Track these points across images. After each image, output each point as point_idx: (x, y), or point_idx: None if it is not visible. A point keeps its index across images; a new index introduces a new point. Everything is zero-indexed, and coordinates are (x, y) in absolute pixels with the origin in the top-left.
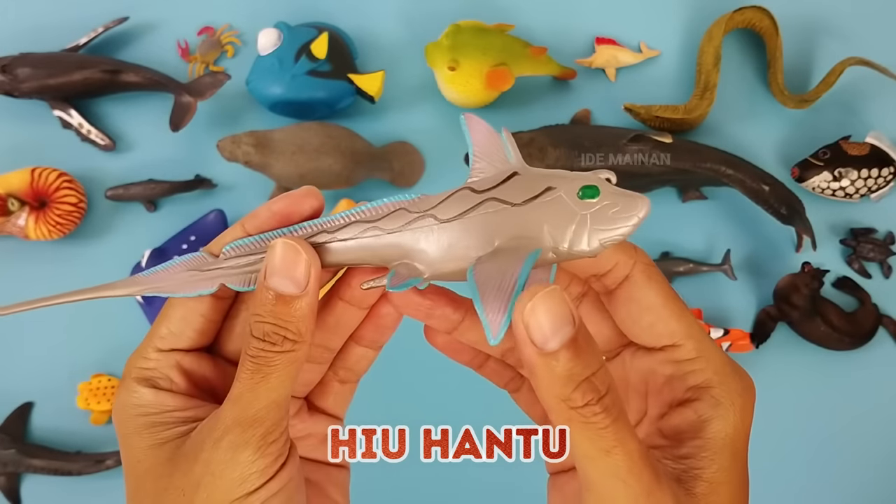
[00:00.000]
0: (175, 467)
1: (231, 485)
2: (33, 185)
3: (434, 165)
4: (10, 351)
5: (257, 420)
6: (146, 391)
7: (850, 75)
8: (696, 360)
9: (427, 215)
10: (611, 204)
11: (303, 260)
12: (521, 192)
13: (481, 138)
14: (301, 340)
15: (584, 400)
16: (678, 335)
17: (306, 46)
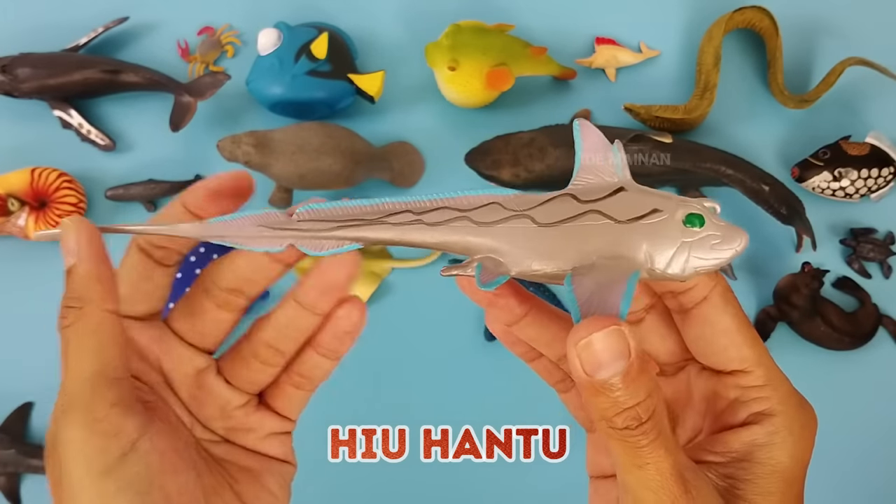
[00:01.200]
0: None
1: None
2: (33, 185)
3: (434, 165)
4: (10, 351)
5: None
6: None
7: (850, 75)
8: (764, 388)
9: (525, 215)
10: (713, 235)
11: (69, 231)
12: (627, 210)
13: (592, 146)
14: (85, 306)
15: (624, 424)
16: (749, 361)
17: (306, 46)
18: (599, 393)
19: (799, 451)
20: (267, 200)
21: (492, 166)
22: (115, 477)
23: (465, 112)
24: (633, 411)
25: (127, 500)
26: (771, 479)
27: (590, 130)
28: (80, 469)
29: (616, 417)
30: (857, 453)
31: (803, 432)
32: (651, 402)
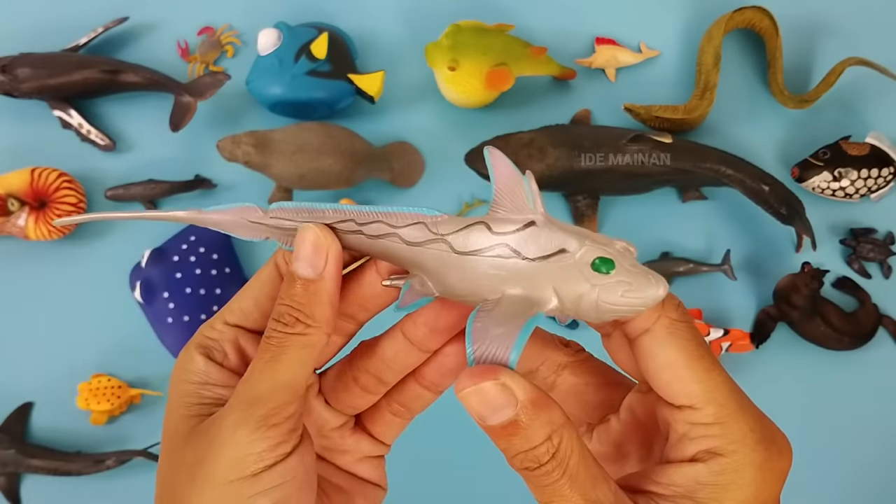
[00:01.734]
0: (189, 442)
1: (228, 465)
2: (33, 185)
3: (434, 165)
4: (10, 351)
5: (259, 400)
6: (199, 358)
7: (850, 75)
8: (712, 427)
9: (443, 240)
10: (624, 282)
11: (323, 246)
12: (535, 247)
13: (504, 176)
14: (314, 325)
15: (522, 466)
16: (696, 398)
17: (306, 46)
18: (496, 437)
19: (750, 493)
20: (267, 200)
21: None
22: (259, 483)
23: (465, 112)
24: (530, 454)
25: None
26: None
27: (498, 159)
28: (229, 467)
29: (514, 459)
30: (857, 453)
31: (759, 473)
32: (550, 443)
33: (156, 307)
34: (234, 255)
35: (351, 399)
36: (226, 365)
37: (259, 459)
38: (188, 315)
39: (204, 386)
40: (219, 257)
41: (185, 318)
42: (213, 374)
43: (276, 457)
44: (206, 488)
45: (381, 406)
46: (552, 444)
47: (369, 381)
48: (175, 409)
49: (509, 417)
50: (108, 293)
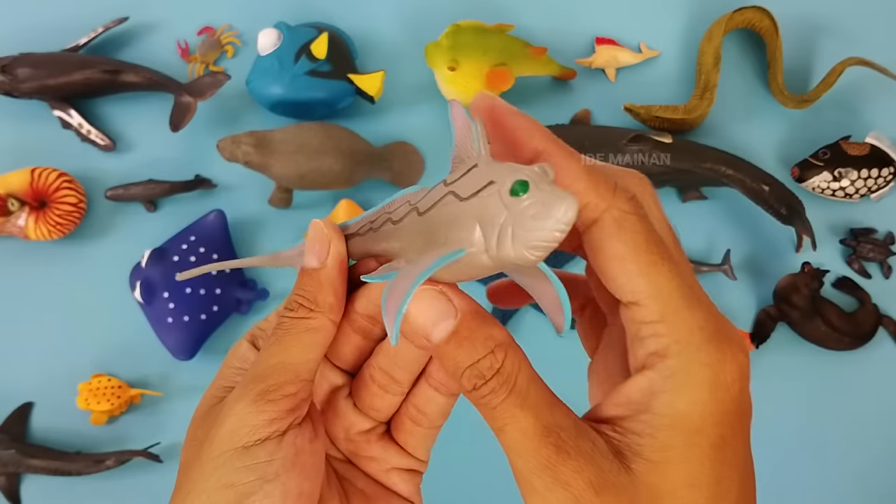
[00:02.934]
0: (204, 420)
1: (224, 434)
2: (33, 185)
3: (434, 165)
4: (10, 351)
5: (259, 377)
6: (245, 344)
7: (850, 75)
8: (657, 325)
9: (414, 208)
10: (536, 203)
11: (325, 238)
12: (470, 186)
13: (459, 127)
14: (317, 310)
15: (470, 385)
16: (640, 293)
17: (306, 46)
18: (441, 357)
19: (706, 396)
20: (267, 200)
21: None
22: (249, 456)
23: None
24: (473, 369)
25: (248, 480)
26: (669, 431)
27: (456, 111)
28: (226, 437)
29: (462, 380)
30: (857, 453)
31: (712, 373)
32: (494, 357)
33: (156, 307)
34: (234, 255)
35: (370, 398)
36: None
37: (252, 432)
38: (188, 315)
39: (239, 370)
40: (219, 257)
41: (185, 318)
42: (251, 357)
43: (270, 432)
44: (206, 460)
45: (401, 413)
46: (495, 359)
47: (383, 378)
48: (209, 390)
49: (450, 328)
50: (108, 293)
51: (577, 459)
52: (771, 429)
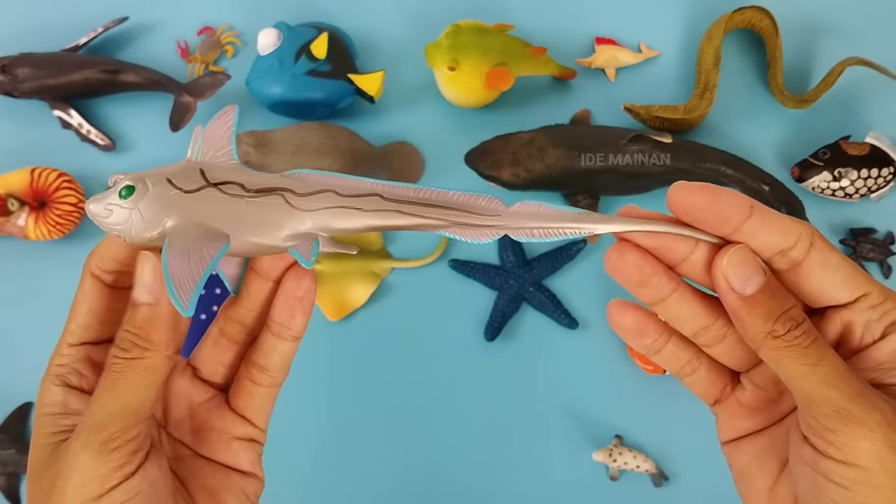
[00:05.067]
0: (45, 470)
1: (74, 490)
2: (33, 185)
3: (434, 165)
4: (10, 351)
5: (99, 425)
6: (55, 389)
7: (850, 75)
8: (886, 302)
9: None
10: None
11: (151, 269)
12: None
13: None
14: (151, 348)
15: (785, 328)
16: (866, 285)
17: (306, 46)
18: (755, 307)
19: None
20: None
21: (491, 166)
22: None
23: (465, 112)
24: (787, 315)
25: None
26: None
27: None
28: (75, 491)
29: (776, 325)
30: None
31: None
32: (798, 309)
33: None
34: None
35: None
36: (86, 386)
37: (103, 482)
38: None
39: (62, 416)
40: None
41: None
42: (73, 402)
43: (120, 477)
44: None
45: (241, 376)
46: (799, 309)
47: (234, 328)
48: (36, 440)
49: (764, 280)
50: None
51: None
52: None
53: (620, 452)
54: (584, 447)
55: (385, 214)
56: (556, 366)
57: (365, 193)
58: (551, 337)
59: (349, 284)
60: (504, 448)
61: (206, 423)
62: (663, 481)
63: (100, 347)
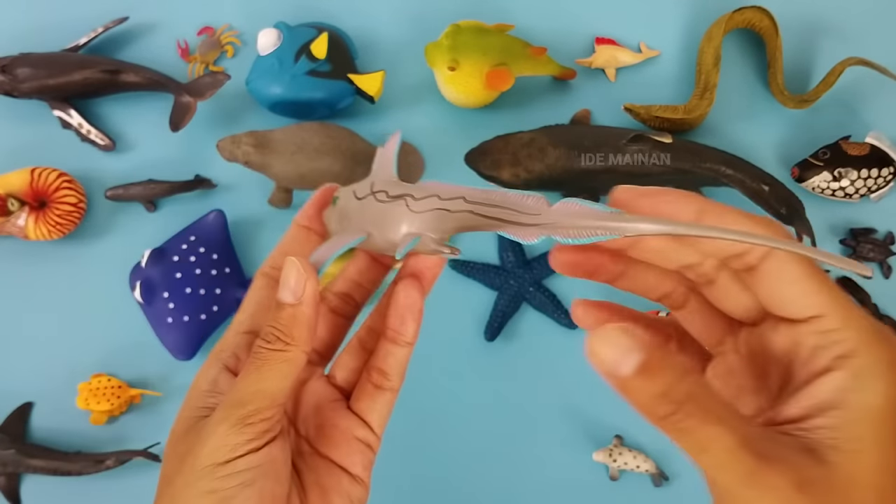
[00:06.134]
0: (184, 437)
1: (207, 451)
2: (33, 185)
3: (434, 165)
4: (10, 351)
5: (240, 402)
6: (213, 369)
7: (850, 75)
8: (841, 331)
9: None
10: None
11: (302, 277)
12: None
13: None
14: (292, 343)
15: (664, 412)
16: (822, 306)
17: (306, 46)
18: (627, 390)
19: (887, 387)
20: (267, 200)
21: (492, 166)
22: (230, 467)
23: (465, 112)
24: (665, 396)
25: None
26: (861, 423)
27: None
28: (208, 454)
29: (657, 409)
30: None
31: (889, 370)
32: (683, 385)
33: (156, 307)
34: (234, 255)
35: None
36: (239, 369)
37: (232, 450)
38: (188, 315)
39: (210, 393)
40: (219, 257)
41: (185, 318)
42: (223, 382)
43: (246, 449)
44: (189, 471)
45: (363, 380)
46: (684, 385)
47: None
48: (182, 412)
49: (638, 361)
50: (108, 293)
51: (777, 464)
52: None
53: (620, 452)
54: (584, 447)
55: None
56: (556, 366)
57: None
58: (551, 337)
59: None
60: (504, 448)
61: (330, 420)
62: (663, 481)
63: None
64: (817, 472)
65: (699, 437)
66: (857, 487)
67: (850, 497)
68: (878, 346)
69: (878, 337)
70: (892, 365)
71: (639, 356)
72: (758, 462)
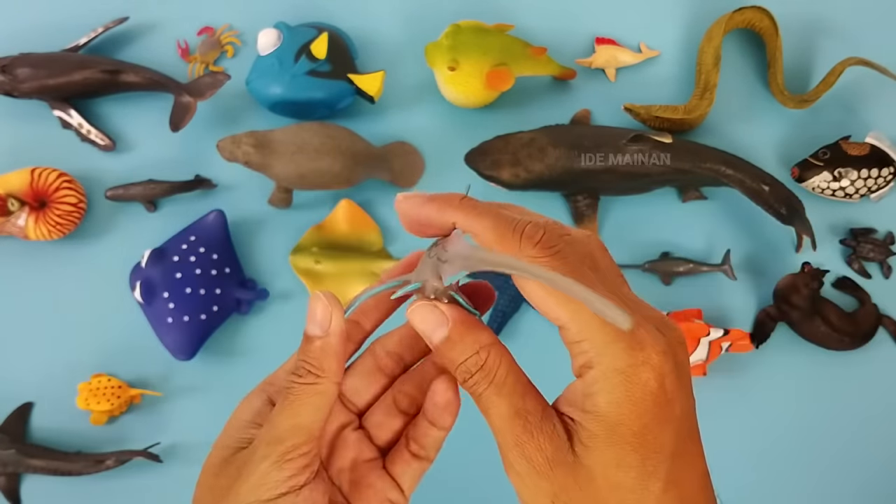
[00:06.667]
0: (223, 469)
1: (248, 489)
2: (33, 185)
3: (434, 165)
4: (10, 351)
5: (277, 439)
6: (259, 399)
7: (850, 75)
8: (581, 343)
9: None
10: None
11: (328, 310)
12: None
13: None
14: (323, 375)
15: (462, 378)
16: (563, 319)
17: (306, 46)
18: (441, 355)
19: (617, 395)
20: (267, 200)
21: (492, 166)
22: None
23: (465, 112)
24: (463, 366)
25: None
26: (595, 424)
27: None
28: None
29: (456, 373)
30: (857, 453)
31: (624, 377)
32: (478, 357)
33: (156, 307)
34: (234, 255)
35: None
36: None
37: (274, 487)
38: (188, 315)
39: (252, 423)
40: (219, 257)
41: (185, 318)
42: (265, 415)
43: (289, 487)
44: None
45: (401, 445)
46: (479, 358)
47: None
48: (221, 439)
49: (444, 333)
50: (108, 293)
51: (539, 438)
52: (771, 428)
53: None
54: None
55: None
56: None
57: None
58: (551, 337)
59: (350, 284)
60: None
61: (366, 478)
62: None
63: None
64: (567, 456)
65: (482, 403)
66: (594, 480)
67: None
68: (615, 356)
69: (618, 347)
70: (625, 374)
71: (445, 330)
72: (524, 433)
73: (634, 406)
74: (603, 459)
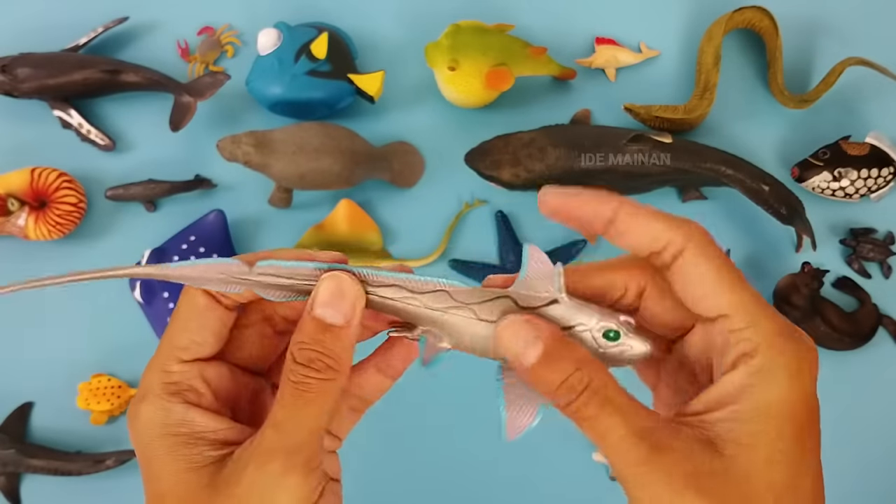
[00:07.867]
0: (216, 493)
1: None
2: (33, 185)
3: (434, 165)
4: (10, 351)
5: (297, 448)
6: (178, 407)
7: (850, 75)
8: (745, 330)
9: (469, 308)
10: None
11: (351, 294)
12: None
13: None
14: (341, 370)
15: (566, 400)
16: (728, 306)
17: (306, 46)
18: (534, 378)
19: (786, 388)
20: (267, 200)
21: (491, 166)
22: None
23: (465, 112)
24: (566, 385)
25: None
26: (758, 417)
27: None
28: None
29: (557, 397)
30: (857, 453)
31: (790, 369)
32: (582, 374)
33: (156, 307)
34: (234, 255)
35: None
36: (204, 404)
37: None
38: None
39: (195, 435)
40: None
41: None
42: (199, 421)
43: (316, 497)
44: None
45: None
46: (584, 374)
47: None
48: (169, 467)
49: (539, 351)
50: (108, 293)
51: (672, 453)
52: None
53: None
54: (585, 447)
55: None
56: None
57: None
58: None
59: None
60: (503, 448)
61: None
62: None
63: (212, 366)
64: (714, 463)
65: (596, 426)
66: (750, 480)
67: (742, 489)
68: (780, 346)
69: (783, 338)
70: (790, 365)
71: (541, 346)
72: (650, 451)
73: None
74: (763, 454)
